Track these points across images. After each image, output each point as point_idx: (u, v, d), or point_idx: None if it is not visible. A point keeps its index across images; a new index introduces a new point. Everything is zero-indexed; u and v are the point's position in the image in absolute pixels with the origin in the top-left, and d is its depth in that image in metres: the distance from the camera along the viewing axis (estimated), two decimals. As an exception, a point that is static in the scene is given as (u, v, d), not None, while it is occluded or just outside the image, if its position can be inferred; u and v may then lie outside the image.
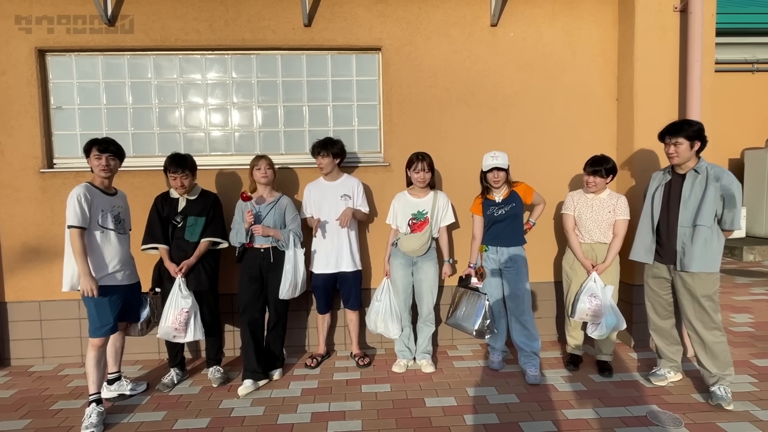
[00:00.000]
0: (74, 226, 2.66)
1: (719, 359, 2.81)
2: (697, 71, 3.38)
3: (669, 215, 2.89)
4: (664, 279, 2.98)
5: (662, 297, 3.02)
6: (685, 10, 3.48)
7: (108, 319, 2.77)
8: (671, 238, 2.88)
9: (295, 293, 3.27)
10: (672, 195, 2.90)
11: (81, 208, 2.67)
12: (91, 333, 2.76)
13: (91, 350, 2.76)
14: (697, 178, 2.81)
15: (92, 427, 2.63)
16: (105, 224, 2.81)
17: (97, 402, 2.75)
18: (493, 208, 3.26)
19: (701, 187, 2.79)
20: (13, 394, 3.18)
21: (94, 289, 2.67)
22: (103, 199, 2.83)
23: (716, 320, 2.81)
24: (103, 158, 2.80)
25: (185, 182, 3.16)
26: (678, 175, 2.91)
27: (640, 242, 3.03)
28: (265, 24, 3.67)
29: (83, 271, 2.65)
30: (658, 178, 3.01)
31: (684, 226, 2.82)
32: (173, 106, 3.79)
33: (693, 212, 2.79)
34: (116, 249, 2.86)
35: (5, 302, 3.64)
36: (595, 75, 3.86)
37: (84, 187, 2.75)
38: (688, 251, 2.79)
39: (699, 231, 2.76)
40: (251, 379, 3.13)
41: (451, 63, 3.78)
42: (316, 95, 3.85)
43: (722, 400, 2.74)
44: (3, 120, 3.56)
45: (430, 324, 3.45)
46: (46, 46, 3.58)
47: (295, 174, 3.77)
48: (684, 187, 2.84)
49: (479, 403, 2.89)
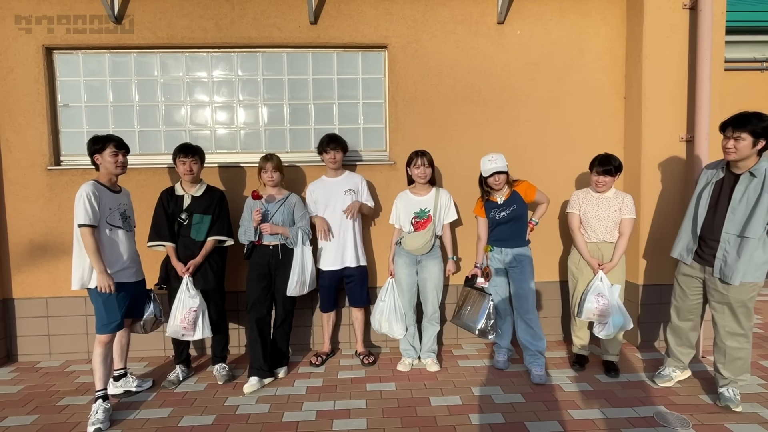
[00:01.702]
0: (85, 224, 2.66)
1: (736, 365, 2.72)
2: (706, 69, 3.34)
3: (715, 217, 2.67)
4: (696, 278, 2.83)
5: (689, 298, 2.88)
6: (694, 7, 3.44)
7: (116, 315, 2.78)
8: (713, 243, 2.68)
9: (303, 290, 3.28)
10: (722, 195, 2.66)
11: (91, 206, 2.68)
12: (99, 329, 2.77)
13: (98, 347, 2.78)
14: (752, 181, 2.55)
15: (99, 423, 2.64)
16: (113, 222, 2.82)
17: (103, 398, 2.76)
18: (495, 210, 3.24)
19: (755, 193, 2.53)
20: (21, 389, 3.20)
21: (111, 285, 2.70)
22: (110, 197, 2.84)
23: (745, 327, 2.68)
24: (120, 155, 2.83)
25: (194, 167, 3.17)
26: (732, 174, 2.65)
27: (681, 240, 2.87)
28: (271, 22, 3.67)
29: (99, 269, 2.67)
30: (708, 175, 2.76)
31: (729, 233, 2.60)
32: (179, 104, 3.80)
33: (742, 220, 2.56)
34: (124, 246, 2.88)
35: (13, 298, 3.67)
36: (603, 73, 3.82)
37: (92, 185, 2.75)
38: (731, 263, 2.59)
39: (746, 243, 2.54)
40: (257, 376, 3.14)
41: (457, 61, 3.76)
42: (321, 93, 3.84)
43: (731, 401, 2.70)
44: (11, 117, 3.58)
45: (435, 323, 3.44)
46: (53, 44, 3.59)
47: (300, 172, 3.77)
48: (736, 189, 2.59)
49: (484, 402, 2.88)
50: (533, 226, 3.33)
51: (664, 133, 3.56)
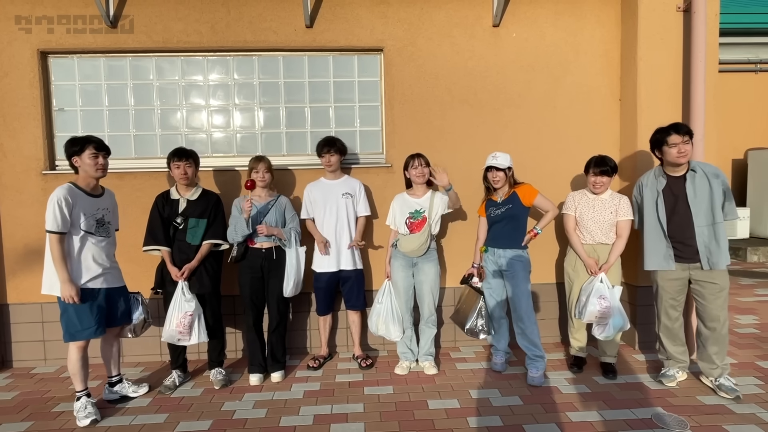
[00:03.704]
0: (53, 231, 2.57)
1: (724, 350, 2.94)
2: (700, 71, 3.36)
3: (680, 218, 2.90)
4: (679, 279, 2.97)
5: (676, 299, 3.01)
6: (688, 9, 3.46)
7: (90, 322, 2.70)
8: (688, 240, 2.88)
9: (296, 291, 3.32)
10: (678, 198, 2.90)
11: (61, 213, 2.58)
12: (72, 336, 2.69)
13: (76, 352, 2.74)
14: (695, 177, 2.86)
15: (93, 415, 2.69)
16: (87, 228, 2.71)
17: (87, 395, 2.79)
18: (492, 208, 3.25)
19: (704, 185, 2.84)
20: (15, 395, 3.17)
21: (74, 296, 2.61)
22: (87, 202, 2.73)
23: (726, 309, 2.92)
24: (100, 157, 2.74)
25: (188, 170, 3.15)
26: (673, 177, 2.93)
27: (654, 251, 2.98)
28: (266, 25, 3.67)
29: (62, 278, 2.59)
30: (651, 185, 3.00)
31: (701, 226, 2.84)
32: (175, 108, 3.79)
33: (707, 211, 2.84)
34: (98, 253, 2.77)
35: (7, 304, 3.64)
36: (598, 75, 3.84)
37: (66, 189, 2.64)
38: (715, 250, 2.83)
39: (719, 229, 2.83)
40: (258, 373, 3.23)
41: (453, 64, 3.77)
42: (318, 96, 3.84)
43: (732, 390, 2.83)
44: (6, 122, 3.57)
45: (432, 326, 3.43)
46: (48, 48, 3.58)
47: (297, 175, 3.76)
48: (687, 188, 2.87)
49: (482, 405, 2.87)
50: (535, 234, 3.19)
51: (660, 134, 3.57)
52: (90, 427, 2.70)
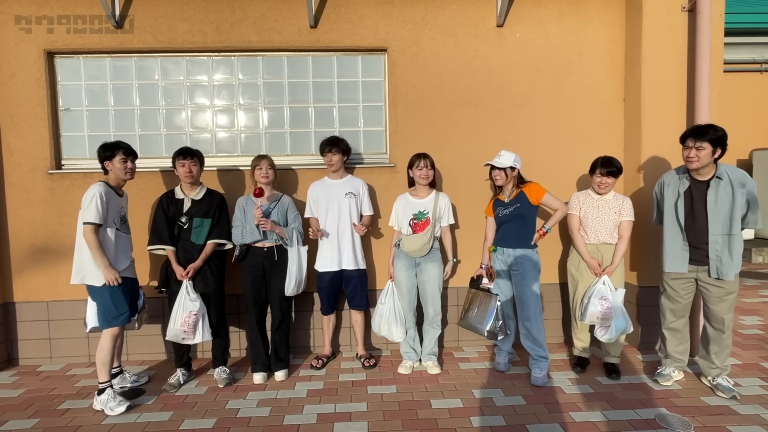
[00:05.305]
0: (92, 222, 2.78)
1: (726, 352, 2.94)
2: (705, 71, 3.35)
3: (695, 223, 2.85)
4: (688, 279, 2.95)
5: (683, 297, 3.00)
6: (693, 9, 3.45)
7: (124, 307, 2.92)
8: (700, 245, 2.85)
9: (298, 290, 3.33)
10: (696, 203, 2.85)
11: (103, 206, 2.82)
12: (109, 323, 2.89)
13: (110, 340, 2.89)
14: (720, 184, 2.77)
15: (126, 401, 2.85)
16: (116, 224, 2.97)
17: (111, 386, 2.91)
18: (500, 208, 3.25)
19: (727, 194, 2.76)
20: (21, 393, 3.20)
21: (118, 278, 2.84)
22: (116, 200, 2.98)
23: (731, 314, 2.90)
24: (128, 161, 2.99)
25: (193, 169, 3.18)
26: (698, 181, 2.84)
27: (673, 253, 2.95)
28: (271, 26, 3.68)
29: (104, 264, 2.81)
30: (674, 185, 2.93)
31: (716, 234, 2.79)
32: (180, 108, 3.81)
33: (725, 221, 2.77)
34: (124, 247, 3.04)
35: (14, 302, 3.67)
36: (602, 75, 3.83)
37: (103, 186, 2.88)
38: (726, 261, 2.78)
39: (734, 240, 2.77)
40: (262, 371, 3.25)
41: (457, 64, 3.77)
42: (322, 96, 3.85)
43: (729, 390, 2.87)
44: (13, 122, 3.59)
45: (436, 326, 3.44)
46: (55, 48, 3.61)
47: (300, 175, 3.77)
48: (709, 195, 2.79)
49: (486, 405, 2.88)
50: (544, 233, 3.20)
51: (664, 135, 3.56)
52: (104, 419, 2.78)
